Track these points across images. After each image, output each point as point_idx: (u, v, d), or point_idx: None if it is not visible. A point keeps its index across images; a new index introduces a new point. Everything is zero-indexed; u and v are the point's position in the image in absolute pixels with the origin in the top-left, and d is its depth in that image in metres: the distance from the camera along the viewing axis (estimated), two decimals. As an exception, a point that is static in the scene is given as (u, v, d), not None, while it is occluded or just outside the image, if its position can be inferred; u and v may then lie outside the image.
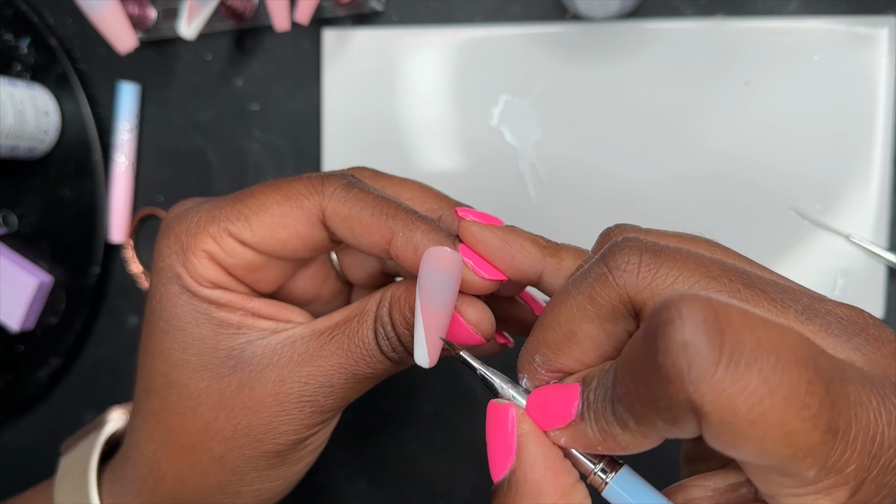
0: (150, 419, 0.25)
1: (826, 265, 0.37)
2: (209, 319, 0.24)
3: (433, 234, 0.22)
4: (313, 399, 0.23)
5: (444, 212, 0.25)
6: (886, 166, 0.37)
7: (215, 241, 0.23)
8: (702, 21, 0.38)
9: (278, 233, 0.23)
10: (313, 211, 0.23)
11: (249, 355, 0.23)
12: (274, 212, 0.23)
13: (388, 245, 0.22)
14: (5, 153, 0.43)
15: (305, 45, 0.44)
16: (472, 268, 0.22)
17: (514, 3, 0.41)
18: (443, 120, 0.41)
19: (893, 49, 0.36)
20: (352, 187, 0.23)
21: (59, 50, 0.45)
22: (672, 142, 0.39)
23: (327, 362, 0.23)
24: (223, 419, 0.23)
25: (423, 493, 0.44)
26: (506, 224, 0.24)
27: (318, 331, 0.24)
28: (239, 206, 0.24)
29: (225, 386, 0.23)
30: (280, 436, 0.24)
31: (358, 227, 0.23)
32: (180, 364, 0.24)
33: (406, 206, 0.23)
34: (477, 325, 0.23)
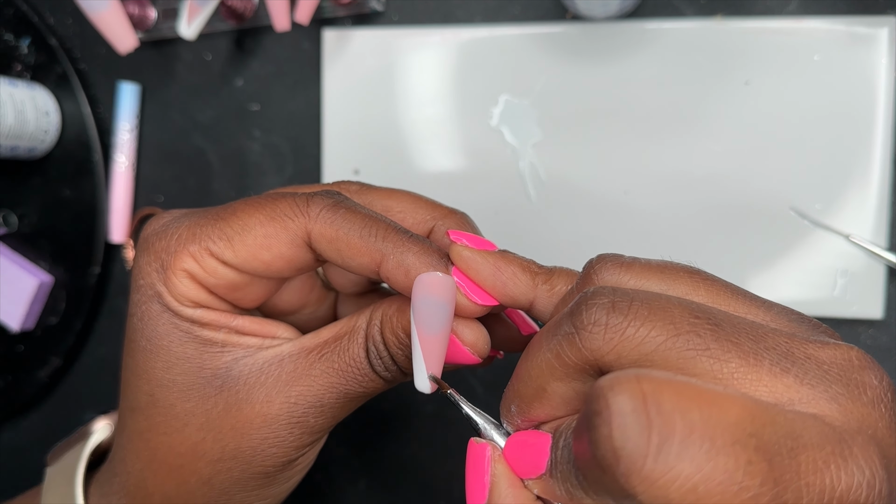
0: (135, 438, 0.24)
1: (826, 265, 0.37)
2: (193, 338, 0.23)
3: (425, 257, 0.21)
4: (303, 420, 0.23)
5: (437, 221, 0.25)
6: (886, 166, 0.37)
7: (196, 261, 0.23)
8: (702, 21, 0.38)
9: (261, 254, 0.23)
10: (298, 233, 0.22)
11: (236, 374, 0.23)
12: (257, 233, 0.22)
13: (379, 268, 0.22)
14: (5, 153, 0.43)
15: (305, 45, 0.44)
16: (465, 292, 0.21)
17: (514, 3, 0.41)
18: (443, 120, 0.41)
19: (893, 49, 0.36)
20: (338, 207, 0.22)
21: (59, 50, 0.45)
22: (672, 142, 0.39)
23: (317, 382, 0.23)
24: (210, 441, 0.23)
25: (423, 493, 0.44)
26: (499, 249, 0.23)
27: (306, 348, 0.23)
28: (221, 224, 0.23)
29: (212, 406, 0.23)
30: (269, 458, 0.23)
31: (346, 249, 0.22)
32: (165, 383, 0.23)
33: (396, 225, 0.22)
34: (474, 345, 0.22)
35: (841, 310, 0.37)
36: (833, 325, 0.39)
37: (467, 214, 0.25)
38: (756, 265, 0.38)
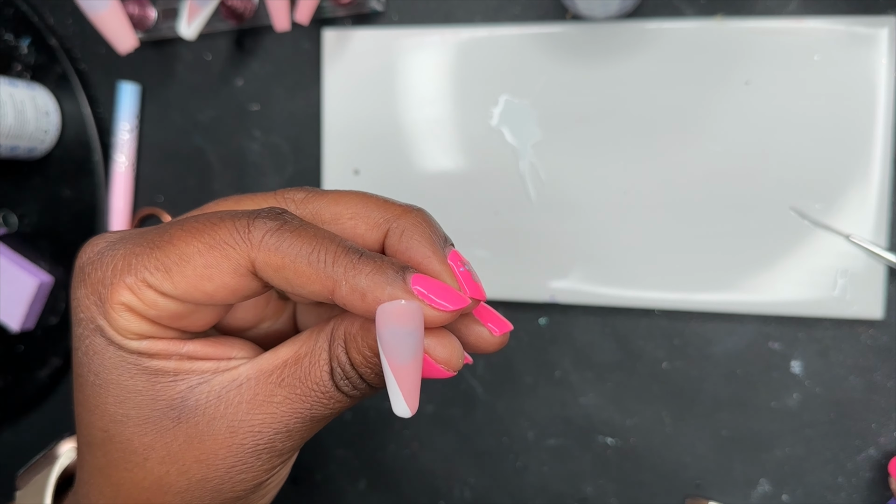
0: (96, 474, 0.23)
1: (826, 265, 0.37)
2: (142, 370, 0.22)
3: (379, 276, 0.20)
4: (270, 446, 0.22)
5: (392, 222, 0.23)
6: (886, 166, 0.37)
7: (134, 294, 0.21)
8: (702, 21, 0.38)
9: (203, 285, 0.21)
10: (241, 262, 0.21)
11: (193, 404, 0.22)
12: (196, 263, 0.21)
13: (332, 295, 0.21)
14: (5, 153, 0.43)
15: (305, 45, 0.44)
16: (431, 302, 0.20)
17: (514, 3, 0.41)
18: (443, 120, 0.41)
19: (893, 49, 0.36)
20: (283, 230, 0.21)
21: (59, 50, 0.45)
22: (672, 142, 0.39)
23: (280, 409, 0.22)
24: (175, 474, 0.22)
25: (423, 493, 0.44)
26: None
27: (265, 371, 0.22)
28: (157, 253, 0.21)
29: (171, 439, 0.22)
30: (239, 483, 0.22)
31: (295, 277, 0.21)
32: (119, 418, 0.22)
33: (346, 244, 0.21)
34: (448, 362, 0.21)
35: (841, 310, 0.37)
36: (833, 325, 0.39)
37: (424, 210, 0.23)
38: (756, 265, 0.38)
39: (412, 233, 0.22)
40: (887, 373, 0.38)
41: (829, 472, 0.39)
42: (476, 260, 0.41)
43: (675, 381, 0.41)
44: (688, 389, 0.40)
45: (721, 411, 0.40)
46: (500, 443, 0.43)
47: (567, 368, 0.42)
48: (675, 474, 0.41)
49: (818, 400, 0.39)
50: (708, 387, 0.40)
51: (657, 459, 0.41)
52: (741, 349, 0.40)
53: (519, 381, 0.42)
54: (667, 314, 0.40)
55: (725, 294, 0.39)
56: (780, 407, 0.39)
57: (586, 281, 0.40)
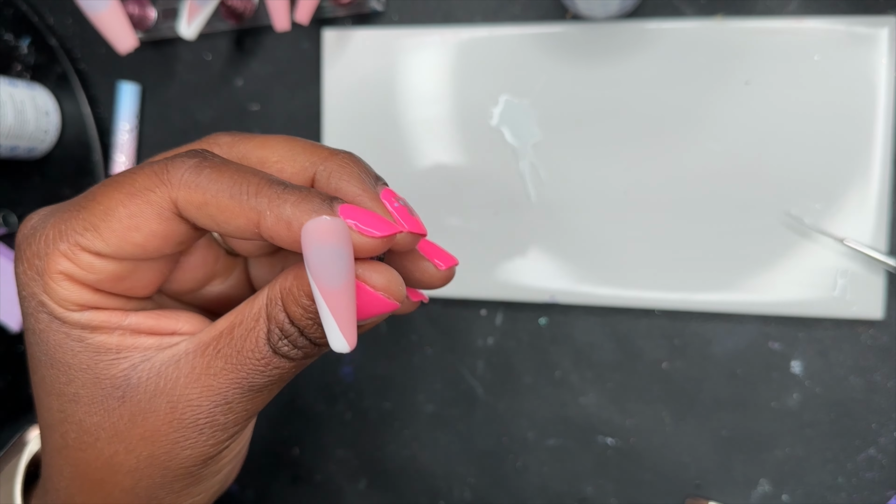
0: (56, 455, 0.23)
1: (826, 266, 0.37)
2: (85, 347, 0.22)
3: (305, 204, 0.19)
4: (211, 419, 0.22)
5: (318, 166, 0.22)
6: (886, 167, 0.37)
7: (69, 260, 0.21)
8: (702, 21, 0.38)
9: (132, 237, 0.21)
10: (164, 205, 0.20)
11: (136, 383, 0.22)
12: (121, 214, 0.20)
13: (258, 227, 0.20)
14: (5, 153, 0.43)
15: (305, 45, 0.44)
16: (360, 229, 0.19)
17: (514, 3, 0.41)
18: (443, 120, 0.41)
19: (893, 49, 0.36)
20: (202, 168, 0.20)
21: (59, 50, 0.45)
22: (672, 142, 0.39)
23: (217, 381, 0.21)
24: (123, 453, 0.22)
25: (423, 493, 0.44)
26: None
27: (203, 344, 0.22)
28: (84, 214, 0.21)
29: (117, 419, 0.22)
30: (186, 459, 0.22)
31: (218, 213, 0.20)
32: (72, 398, 0.22)
33: (269, 176, 0.20)
34: (387, 289, 0.20)
35: (841, 310, 0.37)
36: (833, 326, 0.39)
37: (353, 153, 0.22)
38: (756, 265, 0.38)
39: (340, 174, 0.21)
40: (887, 373, 0.38)
41: (829, 472, 0.39)
42: (476, 259, 0.41)
43: (675, 381, 0.41)
44: (688, 389, 0.40)
45: (721, 411, 0.40)
46: (500, 443, 0.43)
47: (567, 368, 0.42)
48: (675, 474, 0.41)
49: (818, 400, 0.39)
50: (708, 387, 0.40)
51: (657, 459, 0.41)
52: (741, 349, 0.40)
53: (519, 381, 0.42)
54: (667, 314, 0.40)
55: (725, 294, 0.39)
56: (781, 407, 0.39)
57: (586, 281, 0.40)
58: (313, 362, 0.45)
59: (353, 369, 0.45)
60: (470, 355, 0.43)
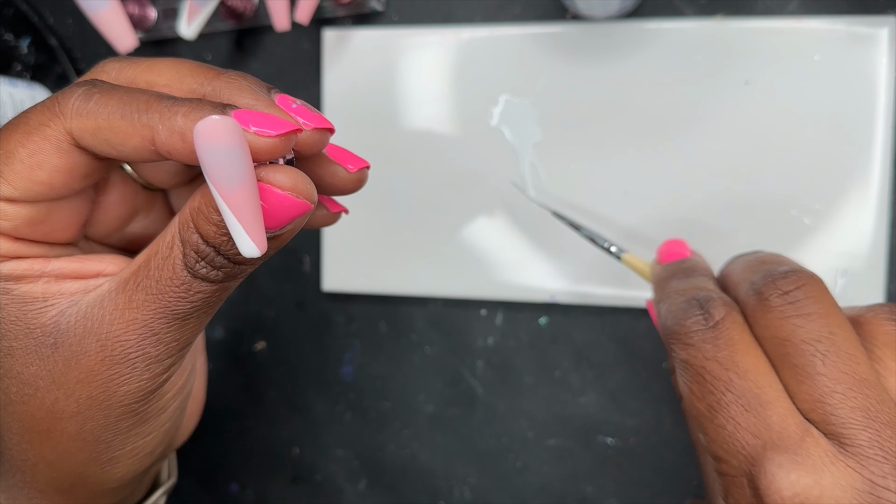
0: (2, 413, 0.24)
1: (826, 265, 0.37)
2: (12, 300, 0.22)
3: (195, 112, 0.19)
4: (142, 352, 0.22)
5: (208, 86, 0.21)
6: (886, 166, 0.37)
7: None
8: (702, 21, 0.38)
9: (36, 175, 0.21)
10: (61, 137, 0.20)
11: (65, 328, 0.22)
12: (21, 155, 0.20)
13: (154, 145, 0.20)
14: (5, 153, 0.43)
15: (305, 45, 0.44)
16: (256, 131, 0.19)
17: (514, 3, 0.41)
18: (443, 120, 0.41)
19: (893, 49, 0.36)
20: (92, 94, 0.20)
21: (59, 50, 0.45)
22: (672, 142, 0.39)
23: (140, 313, 0.21)
24: (63, 399, 0.22)
25: (423, 493, 0.44)
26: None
27: (123, 280, 0.21)
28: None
29: (52, 366, 0.22)
30: (124, 396, 0.22)
31: (113, 136, 0.20)
32: (7, 352, 0.22)
33: (159, 93, 0.20)
34: (294, 188, 0.20)
35: (841, 310, 0.37)
36: (833, 325, 0.39)
37: (243, 73, 0.22)
38: (756, 265, 0.38)
39: (230, 89, 0.21)
40: (887, 373, 0.38)
41: (829, 472, 0.39)
42: (476, 259, 0.41)
43: (675, 381, 0.41)
44: (688, 389, 0.41)
45: (721, 411, 0.40)
46: (500, 443, 0.43)
47: (567, 368, 0.42)
48: (675, 474, 0.41)
49: (818, 400, 0.39)
50: (708, 387, 0.40)
51: (657, 459, 0.41)
52: (741, 349, 0.40)
53: (519, 381, 0.42)
54: (667, 314, 0.40)
55: (725, 294, 0.39)
56: (780, 407, 0.39)
57: (586, 281, 0.40)
58: (313, 363, 0.45)
59: (353, 369, 0.45)
60: (470, 355, 0.43)
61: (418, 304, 0.43)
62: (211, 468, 0.47)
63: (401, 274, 0.42)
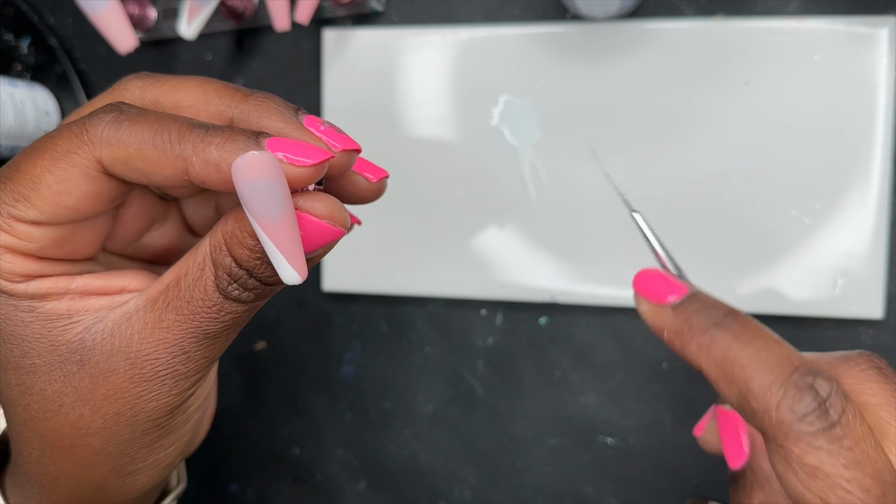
0: (21, 429, 0.24)
1: (826, 265, 0.37)
2: (36, 317, 0.22)
3: (230, 144, 0.19)
4: (171, 370, 0.22)
5: (235, 109, 0.21)
6: (886, 166, 0.37)
7: (7, 232, 0.21)
8: (702, 21, 0.38)
9: (64, 201, 0.20)
10: (89, 165, 0.20)
11: (91, 345, 0.22)
12: (49, 181, 0.20)
13: (188, 175, 0.20)
14: (5, 153, 0.43)
15: (305, 45, 0.44)
16: (290, 160, 0.19)
17: (514, 3, 0.41)
18: (443, 120, 0.41)
19: (893, 49, 0.36)
20: (121, 121, 0.20)
21: (59, 50, 0.45)
22: (672, 142, 0.39)
23: (171, 333, 0.21)
24: (89, 415, 0.22)
25: (423, 493, 0.44)
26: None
27: (151, 299, 0.21)
28: (11, 185, 0.21)
29: (78, 382, 0.22)
30: (151, 412, 0.22)
31: (144, 165, 0.20)
32: (29, 370, 0.22)
33: (190, 120, 0.20)
34: (330, 216, 0.20)
35: (841, 310, 0.37)
36: (833, 325, 0.39)
37: (270, 94, 0.22)
38: (756, 265, 0.38)
39: (259, 112, 0.21)
40: (887, 373, 0.38)
41: (829, 472, 0.39)
42: (476, 259, 0.41)
43: (675, 381, 0.41)
44: (688, 389, 0.40)
45: (721, 411, 0.40)
46: (500, 443, 0.43)
47: (567, 368, 0.42)
48: (675, 474, 0.41)
49: (818, 400, 0.39)
50: (708, 387, 0.40)
51: (657, 459, 0.41)
52: (741, 349, 0.40)
53: (519, 381, 0.42)
54: (667, 314, 0.40)
55: (725, 293, 0.39)
56: (780, 407, 0.39)
57: (586, 281, 0.40)
58: (313, 363, 0.45)
59: (353, 369, 0.45)
60: (470, 355, 0.43)
61: (418, 304, 0.43)
62: (211, 468, 0.47)
63: (401, 274, 0.42)
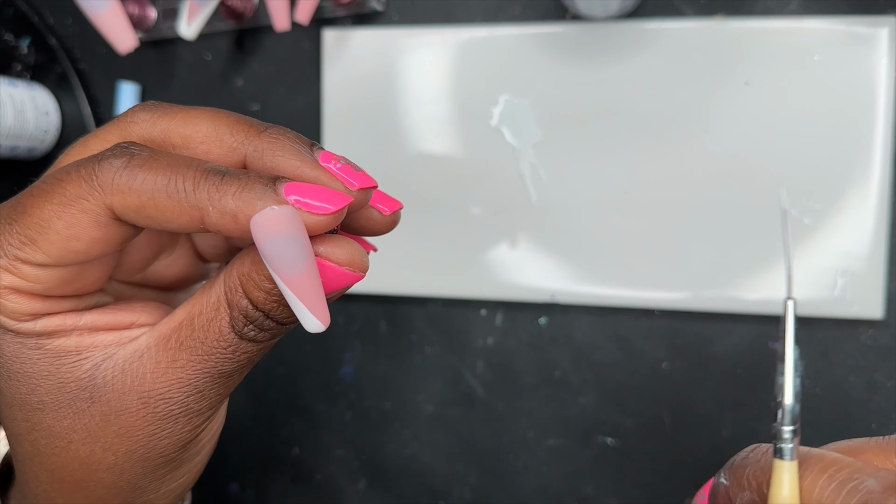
0: (29, 463, 0.23)
1: (826, 265, 0.37)
2: (44, 354, 0.21)
3: (247, 193, 0.18)
4: (184, 408, 0.21)
5: (249, 146, 0.21)
6: (886, 166, 0.37)
7: (12, 274, 0.20)
8: (702, 21, 0.38)
9: (73, 246, 0.20)
10: (100, 212, 0.19)
11: (101, 383, 0.21)
12: (57, 226, 0.20)
13: (203, 224, 0.19)
14: (5, 153, 0.43)
15: (305, 45, 0.44)
16: (310, 208, 0.19)
17: (514, 3, 0.41)
18: (443, 120, 0.41)
19: (893, 49, 0.36)
20: (132, 166, 0.19)
21: (59, 50, 0.45)
22: (672, 142, 0.39)
23: (185, 372, 0.21)
24: (100, 451, 0.22)
25: (423, 493, 0.44)
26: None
27: (163, 337, 0.21)
28: (17, 227, 0.20)
29: (89, 420, 0.21)
30: (164, 448, 0.22)
31: (158, 214, 0.19)
32: (37, 407, 0.22)
33: (204, 165, 0.19)
34: (351, 263, 0.20)
35: (841, 310, 0.37)
36: (833, 325, 0.39)
37: (284, 129, 0.21)
38: (756, 265, 0.38)
39: (273, 150, 0.20)
40: (887, 373, 0.38)
41: (829, 472, 0.39)
42: (476, 259, 0.41)
43: (675, 381, 0.41)
44: (688, 389, 0.40)
45: (721, 411, 0.40)
46: (500, 443, 0.43)
47: (567, 368, 0.42)
48: (675, 474, 0.41)
49: (818, 400, 0.39)
50: (708, 387, 0.40)
51: (657, 459, 0.41)
52: (741, 349, 0.40)
53: (519, 381, 0.42)
54: (667, 314, 0.40)
55: (725, 294, 0.39)
56: (780, 407, 0.39)
57: (586, 281, 0.40)
58: (313, 363, 0.45)
59: (353, 369, 0.45)
60: (470, 355, 0.43)
61: (418, 304, 0.43)
62: (211, 468, 0.47)
63: (401, 274, 0.42)
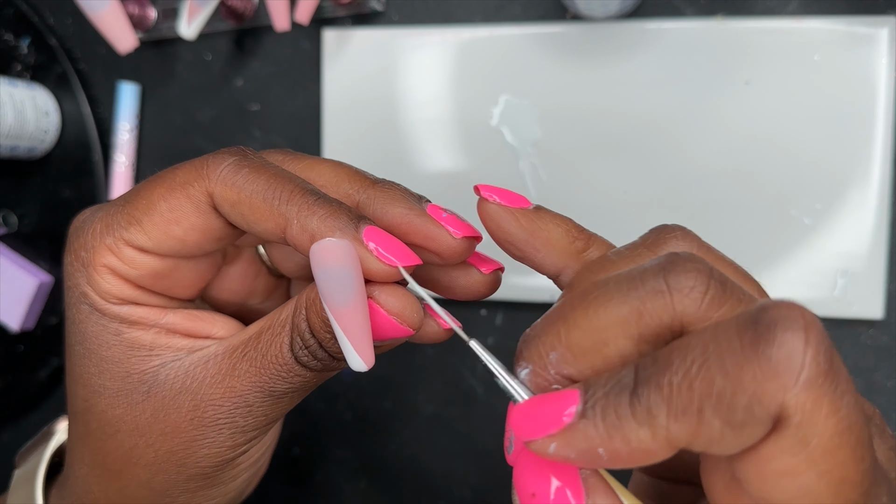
0: (78, 443, 0.24)
1: (826, 265, 0.37)
2: (120, 341, 0.22)
3: (331, 220, 0.19)
4: (231, 421, 0.22)
5: (363, 194, 0.21)
6: (886, 166, 0.37)
7: (114, 254, 0.21)
8: (702, 21, 0.38)
9: (172, 230, 0.21)
10: (201, 198, 0.21)
11: (163, 379, 0.22)
12: (162, 208, 0.21)
13: (284, 234, 0.20)
14: (5, 153, 0.43)
15: (305, 45, 0.44)
16: (379, 255, 0.19)
17: (514, 3, 0.41)
18: (443, 120, 0.41)
19: (893, 49, 0.36)
20: (241, 167, 0.20)
21: (59, 50, 0.45)
22: (672, 142, 0.39)
23: (240, 382, 0.21)
24: (143, 446, 0.22)
25: (423, 493, 0.44)
26: (534, 205, 0.21)
27: (232, 347, 0.22)
28: (129, 208, 0.21)
29: (139, 413, 0.22)
30: (202, 459, 0.23)
31: (250, 213, 0.20)
32: (98, 389, 0.23)
33: (305, 185, 0.20)
34: (400, 314, 0.20)
35: (841, 310, 0.37)
36: (833, 326, 0.39)
37: (396, 183, 0.22)
38: (756, 265, 0.38)
39: (384, 199, 0.21)
40: (887, 373, 0.38)
41: (829, 472, 0.39)
42: (476, 260, 0.41)
43: (675, 381, 0.41)
44: (688, 389, 0.40)
45: (721, 411, 0.40)
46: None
47: (567, 368, 0.42)
48: (675, 474, 0.41)
49: (818, 400, 0.39)
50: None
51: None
52: (741, 349, 0.40)
53: (519, 381, 0.42)
54: (667, 314, 0.40)
55: (725, 294, 0.39)
56: (780, 407, 0.39)
57: (586, 281, 0.40)
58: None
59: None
60: (470, 355, 0.43)
61: (418, 304, 0.43)
62: (211, 468, 0.47)
63: (401, 274, 0.42)
